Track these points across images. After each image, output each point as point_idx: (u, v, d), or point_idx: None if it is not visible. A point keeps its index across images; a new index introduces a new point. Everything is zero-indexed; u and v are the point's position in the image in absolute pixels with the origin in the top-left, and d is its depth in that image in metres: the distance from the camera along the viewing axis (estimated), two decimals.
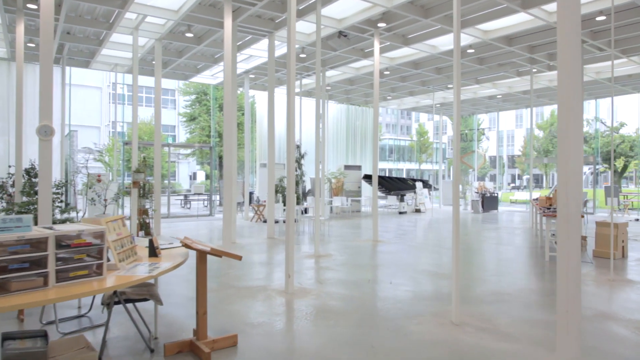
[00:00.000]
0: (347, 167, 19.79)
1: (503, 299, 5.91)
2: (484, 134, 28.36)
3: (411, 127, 72.62)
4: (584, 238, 9.58)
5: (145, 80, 50.71)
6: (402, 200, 19.18)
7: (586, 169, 38.24)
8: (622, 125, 35.03)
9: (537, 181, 62.56)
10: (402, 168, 57.64)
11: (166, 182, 34.67)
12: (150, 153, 38.51)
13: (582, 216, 8.36)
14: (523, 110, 63.32)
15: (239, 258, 3.92)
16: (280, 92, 19.20)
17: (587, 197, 18.20)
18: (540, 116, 55.94)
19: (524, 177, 59.20)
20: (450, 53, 13.83)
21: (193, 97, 29.59)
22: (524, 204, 26.87)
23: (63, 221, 10.31)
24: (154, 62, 14.62)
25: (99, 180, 13.49)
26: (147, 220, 11.90)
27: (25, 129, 14.21)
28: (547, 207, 9.59)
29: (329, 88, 18.86)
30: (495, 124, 45.00)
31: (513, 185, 57.88)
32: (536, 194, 26.47)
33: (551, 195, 12.15)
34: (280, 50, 13.52)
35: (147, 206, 12.10)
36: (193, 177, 48.61)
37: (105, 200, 12.97)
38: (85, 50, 14.07)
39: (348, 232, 12.72)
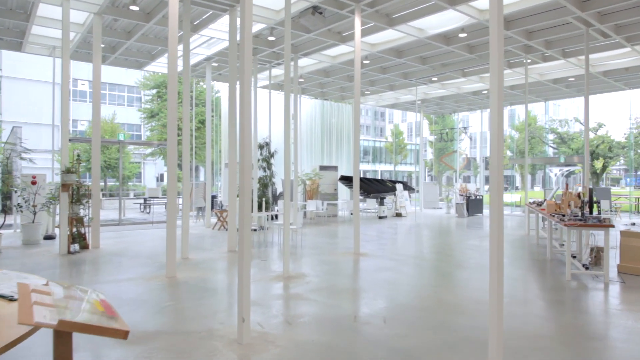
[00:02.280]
0: (322, 168, 18.06)
1: (542, 346, 4.26)
2: (465, 132, 27.03)
3: (385, 129, 71.79)
4: (600, 250, 8.11)
5: (107, 75, 47.77)
6: (381, 203, 17.57)
7: (557, 170, 37.59)
8: (600, 125, 34.43)
9: (509, 183, 62.43)
10: (377, 169, 56.54)
11: (125, 183, 32.08)
12: (112, 153, 35.96)
13: (612, 225, 6.86)
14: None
15: (123, 336, 2.07)
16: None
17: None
18: (515, 117, 55.55)
19: None
20: (440, 38, 12.27)
21: (154, 91, 27.30)
22: (506, 206, 25.73)
23: None
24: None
25: (33, 183, 11.38)
26: (83, 231, 9.88)
27: None
28: (562, 215, 8.06)
29: (302, 80, 17.09)
30: (472, 123, 44.16)
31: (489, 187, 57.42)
32: (517, 196, 25.35)
33: (555, 200, 10.70)
34: None
35: (83, 213, 10.08)
36: (160, 178, 46.10)
37: (34, 206, 10.90)
38: (15, 29, 11.91)
39: (324, 243, 10.97)
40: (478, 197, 19.32)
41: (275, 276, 7.10)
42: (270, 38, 12.33)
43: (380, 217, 17.20)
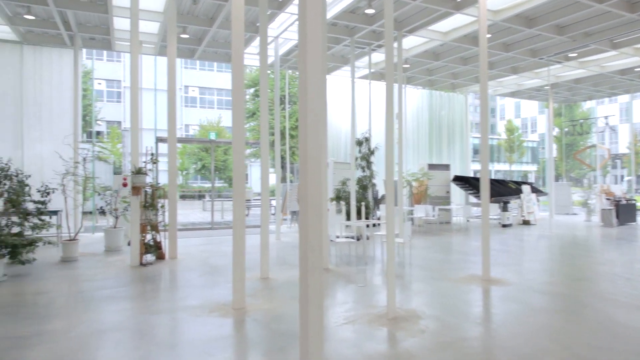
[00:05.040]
0: (431, 167, 15.65)
1: None
2: (607, 124, 22.56)
3: (496, 126, 66.38)
4: None
5: (215, 80, 49.36)
6: (505, 209, 14.67)
7: None
8: None
9: None
10: (490, 169, 51.82)
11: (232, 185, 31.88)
12: (219, 155, 36.61)
13: None
14: (631, 101, 54.40)
15: None
16: (341, 74, 15.55)
17: None
18: None
19: (627, 179, 50.62)
20: None
21: (252, 90, 26.81)
22: None
23: (29, 243, 7.40)
24: (183, 36, 11.64)
25: (124, 185, 10.67)
26: (158, 239, 8.76)
27: (26, 121, 11.81)
28: None
29: (407, 66, 14.86)
30: (600, 114, 37.90)
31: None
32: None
33: None
34: (337, 5, 9.90)
35: (159, 219, 8.97)
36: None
37: (115, 209, 10.11)
38: (102, 25, 11.34)
39: (439, 260, 8.72)
40: (630, 201, 15.49)
41: (375, 315, 5.09)
42: (369, 11, 10.36)
43: (503, 225, 14.35)
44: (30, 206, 7.92)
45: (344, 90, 15.91)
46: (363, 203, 10.07)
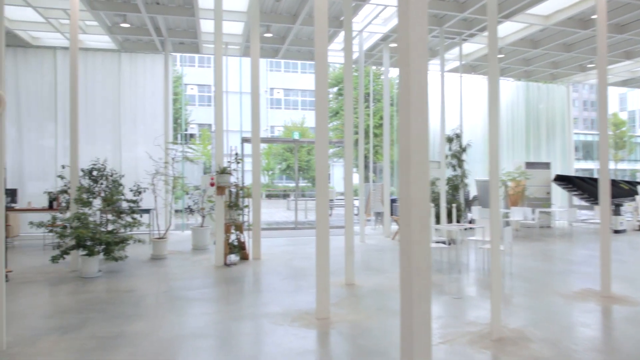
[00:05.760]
0: (529, 165, 14.31)
1: None
2: None
3: (598, 120, 60.38)
4: None
5: (298, 82, 50.03)
6: (617, 212, 13.00)
7: None
8: None
9: None
10: (591, 168, 47.24)
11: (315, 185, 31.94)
12: (302, 155, 37.02)
13: None
14: None
15: None
16: (429, 68, 14.70)
17: None
18: None
19: None
20: None
21: (335, 89, 26.62)
22: None
23: (122, 241, 7.61)
24: (266, 35, 11.60)
25: (212, 184, 10.87)
26: (242, 239, 8.70)
27: (123, 124, 12.42)
28: None
29: (502, 56, 13.69)
30: None
31: None
32: None
33: None
34: None
35: (244, 219, 8.93)
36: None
37: (202, 209, 10.27)
38: (190, 29, 11.61)
39: (543, 270, 7.76)
40: None
41: (477, 334, 4.46)
42: None
43: (616, 231, 12.71)
44: (124, 205, 8.20)
45: (431, 85, 15.08)
46: (454, 205, 9.31)
